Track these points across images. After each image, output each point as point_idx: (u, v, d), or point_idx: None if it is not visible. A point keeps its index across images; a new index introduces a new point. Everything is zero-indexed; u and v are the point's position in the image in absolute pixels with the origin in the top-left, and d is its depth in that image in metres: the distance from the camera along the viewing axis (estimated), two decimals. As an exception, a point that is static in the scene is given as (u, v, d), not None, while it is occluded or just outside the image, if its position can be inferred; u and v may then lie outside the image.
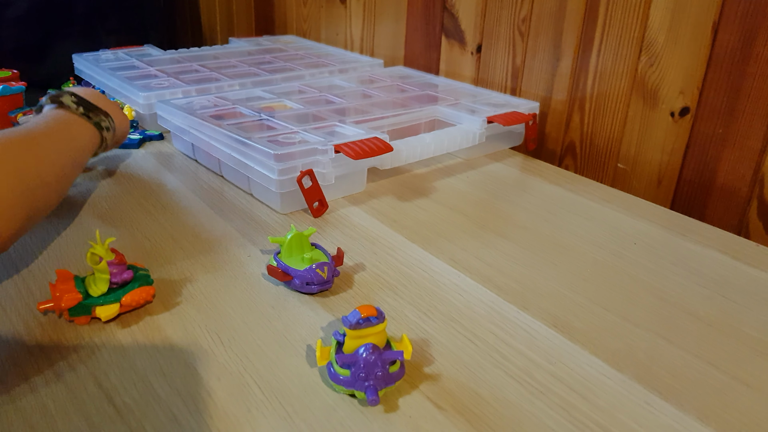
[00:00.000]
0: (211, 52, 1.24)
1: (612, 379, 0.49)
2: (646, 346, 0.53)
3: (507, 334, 0.54)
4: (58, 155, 0.63)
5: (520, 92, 1.02)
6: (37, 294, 0.57)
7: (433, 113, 0.91)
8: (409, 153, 0.81)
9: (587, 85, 0.92)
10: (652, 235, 0.72)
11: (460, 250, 0.67)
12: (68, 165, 0.64)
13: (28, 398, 0.45)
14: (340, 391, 0.46)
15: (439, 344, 0.52)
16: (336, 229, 0.71)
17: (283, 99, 0.94)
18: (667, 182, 0.85)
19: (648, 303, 0.59)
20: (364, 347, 0.46)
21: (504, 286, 0.61)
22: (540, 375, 0.49)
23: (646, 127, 0.86)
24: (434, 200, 0.79)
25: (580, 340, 0.53)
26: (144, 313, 0.55)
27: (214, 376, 0.48)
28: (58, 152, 0.63)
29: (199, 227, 0.70)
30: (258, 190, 0.77)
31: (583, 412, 0.45)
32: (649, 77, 0.84)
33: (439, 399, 0.46)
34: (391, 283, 0.61)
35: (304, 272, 0.57)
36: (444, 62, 1.14)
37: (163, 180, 0.82)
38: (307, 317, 0.55)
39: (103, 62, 1.12)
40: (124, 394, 0.45)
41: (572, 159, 0.97)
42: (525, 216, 0.75)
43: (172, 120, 0.87)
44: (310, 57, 1.23)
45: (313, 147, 0.73)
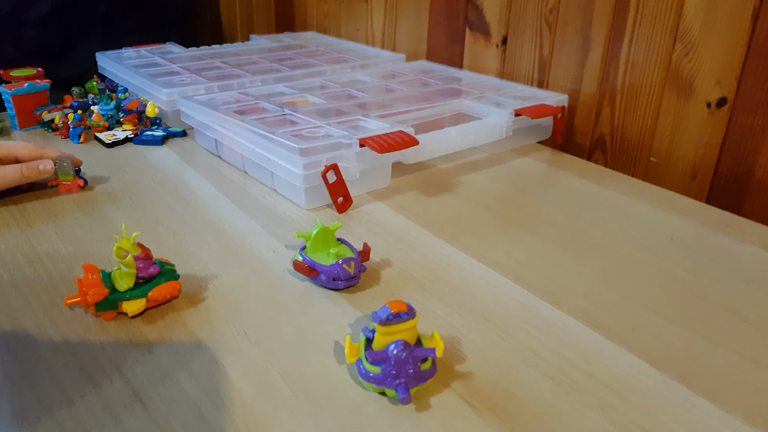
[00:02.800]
0: (233, 49, 1.24)
1: (652, 378, 0.47)
2: (686, 344, 0.51)
3: (540, 332, 0.52)
4: None
5: (547, 85, 1.00)
6: (64, 289, 0.56)
7: (458, 107, 0.89)
8: (434, 147, 0.80)
9: (618, 77, 0.89)
10: (688, 230, 0.70)
11: (487, 245, 0.65)
12: None
13: (54, 395, 0.44)
14: (370, 388, 0.45)
15: (470, 342, 0.51)
16: (360, 225, 0.70)
17: (306, 94, 0.93)
18: (702, 176, 0.83)
19: (686, 300, 0.57)
20: (395, 344, 0.44)
21: (535, 282, 0.59)
22: (576, 374, 0.47)
23: (681, 119, 0.84)
24: (460, 195, 0.77)
25: (617, 338, 0.51)
26: (169, 308, 0.54)
27: (240, 373, 0.47)
28: None
29: (223, 223, 0.69)
30: (282, 185, 0.76)
31: (622, 413, 0.44)
32: (683, 67, 0.82)
33: (472, 398, 0.45)
34: (419, 279, 0.59)
35: (330, 267, 0.56)
36: (468, 56, 1.12)
37: (186, 176, 0.81)
38: (334, 313, 0.54)
39: (125, 60, 1.12)
40: (150, 390, 0.45)
41: (602, 153, 0.94)
42: (554, 211, 0.73)
43: (194, 116, 0.87)
44: (331, 53, 1.22)
45: (337, 141, 0.72)
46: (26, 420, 0.42)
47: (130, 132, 0.94)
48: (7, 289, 0.56)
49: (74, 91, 1.05)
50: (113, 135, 0.93)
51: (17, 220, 0.69)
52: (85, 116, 0.96)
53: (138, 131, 0.95)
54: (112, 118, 0.96)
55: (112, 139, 0.91)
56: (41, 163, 0.73)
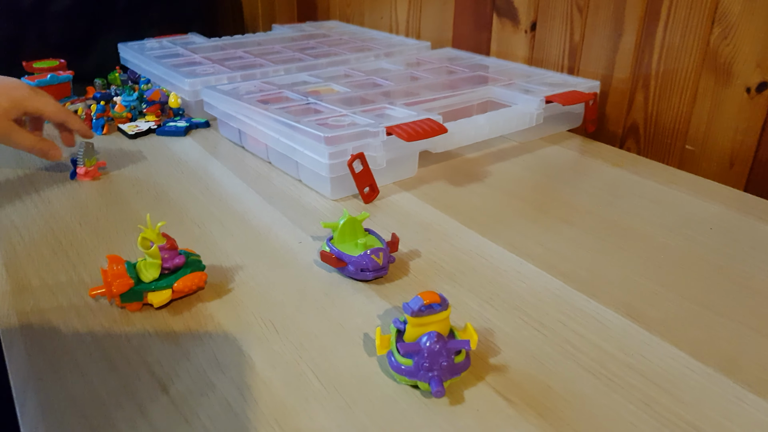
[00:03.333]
0: (255, 38, 1.23)
1: (696, 371, 0.45)
2: (731, 336, 0.49)
3: (577, 324, 0.50)
4: None
5: (578, 71, 0.97)
6: (89, 281, 0.56)
7: (486, 94, 0.87)
8: (462, 135, 0.78)
9: (652, 62, 0.86)
10: (728, 218, 0.67)
11: (519, 235, 0.64)
12: None
13: (80, 386, 0.43)
14: (402, 381, 0.44)
15: (504, 334, 0.49)
16: (387, 216, 0.68)
17: (330, 83, 0.91)
18: (740, 164, 0.80)
19: (729, 290, 0.54)
20: (428, 335, 0.43)
21: (570, 273, 0.57)
22: (616, 367, 0.45)
23: (718, 105, 0.81)
24: (489, 185, 0.75)
25: (658, 330, 0.49)
26: (195, 300, 0.53)
27: (269, 365, 0.45)
28: None
29: (248, 214, 0.68)
30: (307, 175, 0.75)
31: (666, 407, 0.42)
32: (722, 51, 0.79)
33: (508, 392, 0.43)
34: (449, 270, 0.58)
35: (358, 258, 0.55)
36: (495, 42, 1.10)
37: (210, 167, 0.80)
38: (363, 305, 0.53)
39: (148, 51, 1.11)
40: (177, 382, 0.44)
41: (635, 141, 0.92)
42: (587, 200, 0.71)
43: (218, 106, 0.85)
44: (355, 41, 1.20)
45: (363, 129, 0.70)
46: (52, 413, 0.41)
47: (153, 123, 0.94)
48: (32, 280, 0.56)
49: (97, 82, 1.05)
50: (136, 126, 0.92)
51: (41, 211, 0.68)
52: (107, 107, 0.95)
53: (161, 122, 0.94)
54: (134, 110, 0.96)
55: (135, 131, 0.91)
56: (52, 150, 0.73)
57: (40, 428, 0.40)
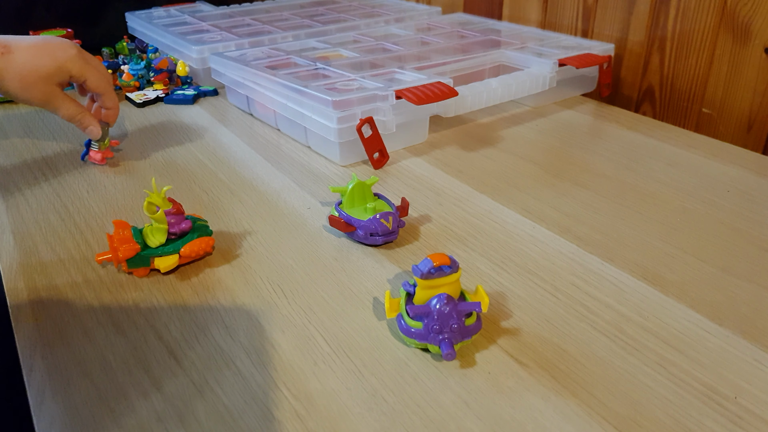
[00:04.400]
0: (263, 6, 1.21)
1: (713, 334, 0.44)
2: (750, 298, 0.47)
3: (591, 287, 0.49)
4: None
5: (592, 34, 0.94)
6: (95, 246, 0.55)
7: (499, 58, 0.85)
8: (474, 99, 0.76)
9: (668, 23, 0.84)
10: (746, 181, 0.65)
11: (533, 199, 0.62)
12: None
13: (88, 351, 0.43)
14: (412, 344, 0.43)
15: (517, 297, 0.48)
16: (398, 181, 0.67)
17: (339, 48, 0.89)
18: (758, 126, 0.78)
19: (748, 253, 0.53)
20: (438, 298, 0.42)
21: (585, 236, 0.56)
22: (632, 330, 0.44)
23: (736, 67, 0.78)
24: (502, 149, 0.74)
25: (675, 293, 0.48)
26: (204, 265, 0.52)
27: (278, 329, 0.45)
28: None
29: (256, 180, 0.67)
30: (315, 141, 0.73)
31: (684, 370, 0.41)
32: (740, 10, 0.76)
33: (521, 354, 0.42)
34: (460, 234, 0.57)
35: (368, 222, 0.54)
36: (507, 6, 1.07)
37: (218, 134, 0.79)
38: (373, 269, 0.52)
39: (155, 19, 1.10)
40: (185, 346, 0.43)
41: (650, 105, 0.89)
42: (603, 163, 0.70)
43: (226, 72, 0.84)
44: (364, 7, 1.18)
45: (372, 93, 0.69)
46: (59, 377, 0.41)
47: (161, 91, 0.93)
48: (39, 246, 0.55)
49: (104, 51, 1.04)
50: (144, 95, 0.91)
51: (48, 178, 0.68)
52: (115, 76, 0.94)
53: (169, 90, 0.93)
54: (142, 78, 0.95)
55: (143, 99, 0.90)
56: (91, 126, 0.69)
57: (47, 392, 0.40)
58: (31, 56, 0.63)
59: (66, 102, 0.67)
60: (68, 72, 0.65)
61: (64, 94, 0.67)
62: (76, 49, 0.66)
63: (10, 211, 0.61)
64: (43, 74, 0.64)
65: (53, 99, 0.66)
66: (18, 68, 0.63)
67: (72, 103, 0.68)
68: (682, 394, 0.39)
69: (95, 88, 0.68)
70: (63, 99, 0.67)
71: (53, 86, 0.65)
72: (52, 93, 0.66)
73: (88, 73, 0.67)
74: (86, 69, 0.67)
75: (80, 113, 0.68)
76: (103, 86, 0.69)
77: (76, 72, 0.66)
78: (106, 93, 0.70)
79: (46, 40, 0.65)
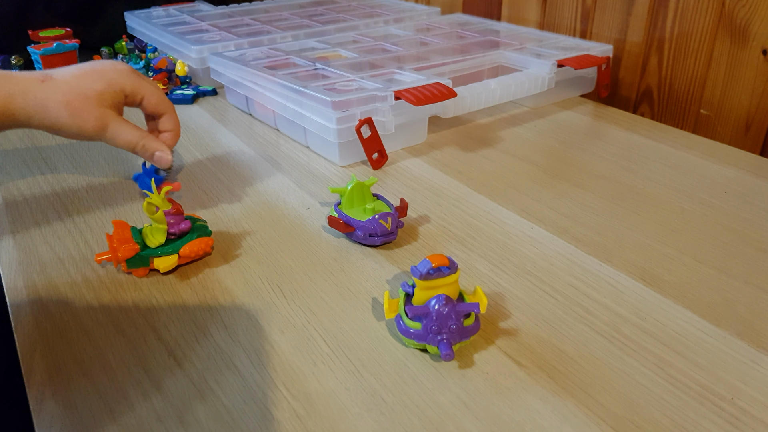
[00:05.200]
0: (262, 5, 1.21)
1: (711, 335, 0.44)
2: (747, 299, 0.48)
3: (589, 288, 0.49)
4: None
5: (590, 35, 0.95)
6: (95, 246, 0.55)
7: (497, 58, 0.85)
8: (473, 100, 0.76)
9: (666, 24, 0.84)
10: (744, 182, 0.65)
11: (531, 200, 0.62)
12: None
13: (87, 351, 0.43)
14: (411, 345, 0.43)
15: (515, 298, 0.48)
16: (397, 181, 0.67)
17: (338, 49, 0.90)
18: (756, 127, 0.78)
19: (746, 254, 0.53)
20: (436, 299, 0.42)
21: (583, 237, 0.56)
22: (629, 331, 0.45)
23: (734, 68, 0.79)
24: (501, 150, 0.74)
25: (672, 294, 0.48)
26: (203, 265, 0.53)
27: (277, 329, 0.45)
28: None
29: (256, 180, 0.67)
30: (315, 141, 0.73)
31: (680, 371, 0.41)
32: (737, 12, 0.76)
33: (519, 355, 0.43)
34: (459, 235, 0.57)
35: (366, 223, 0.54)
36: (506, 7, 1.07)
37: (218, 134, 0.79)
38: (372, 270, 0.52)
39: (154, 19, 1.10)
40: (185, 346, 0.43)
41: (649, 106, 0.90)
42: (601, 164, 0.70)
43: (225, 72, 0.84)
44: (363, 8, 1.18)
45: (371, 94, 0.69)
46: (59, 376, 0.41)
47: (161, 91, 0.93)
48: (39, 246, 0.55)
49: (103, 51, 1.04)
50: (143, 94, 0.91)
51: (48, 178, 0.68)
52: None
53: (168, 90, 0.93)
54: (141, 78, 0.94)
55: (142, 99, 0.90)
56: (159, 151, 0.60)
57: (47, 392, 0.40)
58: (76, 79, 0.55)
59: (125, 126, 0.58)
60: (121, 89, 0.57)
61: (121, 119, 0.58)
62: (127, 66, 0.59)
63: (10, 211, 0.61)
64: (92, 95, 0.55)
65: (109, 124, 0.56)
66: (62, 93, 0.54)
67: (131, 127, 0.58)
68: (679, 395, 0.39)
69: (155, 106, 0.60)
70: (120, 123, 0.57)
71: (106, 109, 0.56)
72: (107, 116, 0.56)
73: (145, 90, 0.59)
74: (142, 85, 0.59)
75: (144, 137, 0.59)
76: (164, 105, 0.61)
77: (130, 89, 0.58)
78: (168, 112, 0.61)
79: (93, 62, 0.58)
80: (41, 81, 0.54)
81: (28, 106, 0.53)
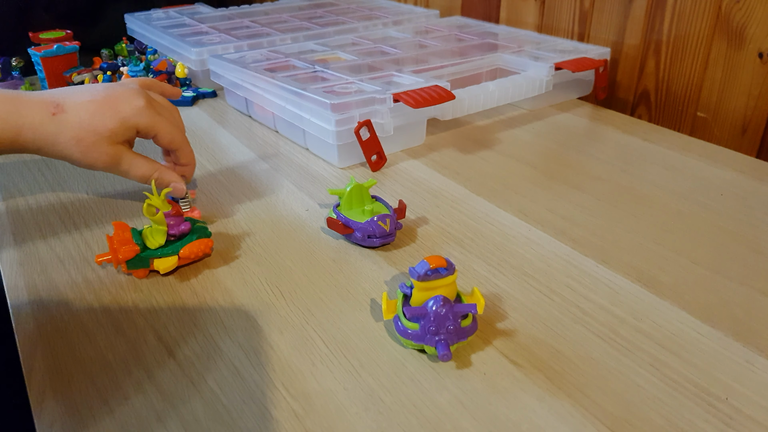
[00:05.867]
0: (262, 8, 1.21)
1: (706, 336, 0.45)
2: (743, 300, 0.48)
3: (586, 289, 0.50)
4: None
5: (588, 38, 0.95)
6: (95, 247, 0.56)
7: (495, 61, 0.86)
8: (471, 102, 0.77)
9: (664, 27, 0.85)
10: (740, 184, 0.66)
11: (529, 202, 0.63)
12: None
13: (88, 351, 0.43)
14: (409, 345, 0.44)
15: (512, 299, 0.49)
16: (396, 183, 0.67)
17: (337, 51, 0.90)
18: (753, 130, 0.79)
19: (742, 255, 0.54)
20: (434, 299, 0.42)
21: (580, 239, 0.56)
22: (626, 331, 0.45)
23: (730, 71, 0.79)
24: (499, 152, 0.74)
25: (669, 295, 0.49)
26: (203, 266, 0.53)
27: (276, 330, 0.45)
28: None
29: (255, 182, 0.68)
30: (314, 143, 0.74)
31: (676, 371, 0.41)
32: (734, 15, 0.77)
33: (516, 355, 0.43)
34: (457, 236, 0.57)
35: (365, 225, 0.54)
36: (504, 9, 1.08)
37: (217, 136, 0.80)
38: (370, 271, 0.52)
39: (154, 21, 1.10)
40: (184, 347, 0.44)
41: (646, 108, 0.90)
42: (599, 166, 0.70)
43: (224, 75, 0.85)
44: (363, 10, 1.18)
45: (370, 96, 0.69)
46: (60, 377, 0.41)
47: (160, 93, 0.93)
48: (39, 247, 0.56)
49: (103, 53, 1.04)
50: (143, 96, 0.92)
51: (48, 180, 0.68)
52: (114, 78, 0.95)
53: (168, 92, 0.93)
54: (141, 80, 0.95)
55: (142, 101, 0.90)
56: (173, 182, 0.59)
57: (47, 392, 0.40)
58: (88, 114, 0.54)
59: (136, 162, 0.57)
60: (135, 127, 0.56)
61: (133, 153, 0.57)
62: (144, 98, 0.56)
63: (10, 212, 0.61)
64: (105, 134, 0.54)
65: (120, 161, 0.56)
66: (73, 130, 0.53)
67: (143, 161, 0.58)
68: (675, 395, 0.39)
69: (168, 144, 0.59)
70: (132, 159, 0.57)
71: (118, 146, 0.56)
72: (117, 154, 0.56)
73: (159, 127, 0.57)
74: (157, 122, 0.57)
75: (156, 170, 0.58)
76: (177, 141, 0.59)
77: (144, 126, 0.56)
78: (181, 149, 0.60)
79: (108, 91, 0.56)
80: (53, 114, 0.53)
81: (37, 140, 0.53)
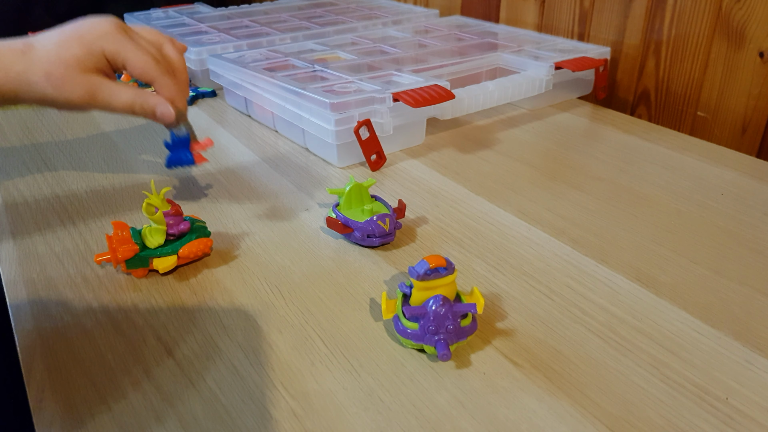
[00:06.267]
0: (261, 7, 1.21)
1: (706, 335, 0.44)
2: (742, 300, 0.48)
3: (586, 289, 0.50)
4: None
5: (588, 38, 0.95)
6: (94, 247, 0.56)
7: (495, 61, 0.85)
8: (471, 101, 0.77)
9: (664, 27, 0.85)
10: (740, 184, 0.66)
11: (529, 202, 0.63)
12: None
13: (87, 351, 0.43)
14: (408, 345, 0.44)
15: (512, 299, 0.49)
16: (395, 183, 0.67)
17: (337, 50, 0.90)
18: (753, 130, 0.79)
19: (741, 255, 0.54)
20: (434, 299, 0.42)
21: (579, 238, 0.56)
22: (625, 331, 0.45)
23: (730, 71, 0.79)
24: (498, 152, 0.74)
25: (668, 295, 0.49)
26: (202, 266, 0.53)
27: (275, 329, 0.45)
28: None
29: (254, 181, 0.67)
30: (313, 143, 0.74)
31: (676, 371, 0.41)
32: (734, 14, 0.77)
33: (515, 355, 0.43)
34: (456, 236, 0.57)
35: (364, 224, 0.54)
36: (504, 9, 1.08)
37: (217, 136, 0.80)
38: (370, 270, 0.52)
39: (154, 20, 1.10)
40: (183, 346, 0.44)
41: (646, 108, 0.90)
42: (598, 166, 0.70)
43: (223, 74, 0.85)
44: (362, 9, 1.18)
45: (370, 96, 0.69)
46: (59, 377, 0.41)
47: (160, 93, 0.93)
48: (39, 247, 0.56)
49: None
50: (143, 96, 0.92)
51: (48, 178, 0.68)
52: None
53: (167, 92, 0.93)
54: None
55: (141, 100, 0.90)
56: (159, 104, 0.53)
57: (47, 392, 0.40)
58: (55, 46, 0.49)
59: (116, 88, 0.51)
60: (101, 52, 0.50)
61: (112, 82, 0.51)
62: (113, 24, 0.51)
63: (9, 212, 0.61)
64: (72, 62, 0.49)
65: (98, 90, 0.50)
66: (42, 64, 0.49)
67: (125, 87, 0.52)
68: (675, 395, 0.39)
69: (140, 74, 0.52)
70: (111, 86, 0.51)
71: (92, 75, 0.50)
72: (93, 83, 0.50)
73: (128, 54, 0.51)
74: (126, 48, 0.50)
75: (139, 95, 0.52)
76: (150, 71, 0.52)
77: (110, 51, 0.50)
78: (156, 80, 0.53)
79: (78, 23, 0.51)
80: (22, 53, 0.49)
81: (10, 81, 0.49)
